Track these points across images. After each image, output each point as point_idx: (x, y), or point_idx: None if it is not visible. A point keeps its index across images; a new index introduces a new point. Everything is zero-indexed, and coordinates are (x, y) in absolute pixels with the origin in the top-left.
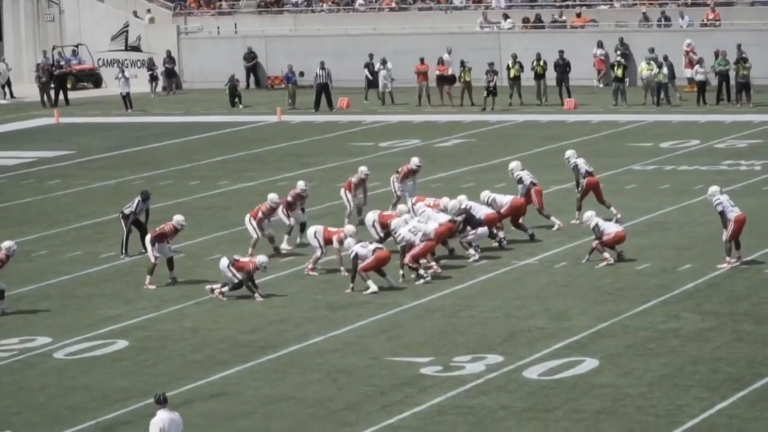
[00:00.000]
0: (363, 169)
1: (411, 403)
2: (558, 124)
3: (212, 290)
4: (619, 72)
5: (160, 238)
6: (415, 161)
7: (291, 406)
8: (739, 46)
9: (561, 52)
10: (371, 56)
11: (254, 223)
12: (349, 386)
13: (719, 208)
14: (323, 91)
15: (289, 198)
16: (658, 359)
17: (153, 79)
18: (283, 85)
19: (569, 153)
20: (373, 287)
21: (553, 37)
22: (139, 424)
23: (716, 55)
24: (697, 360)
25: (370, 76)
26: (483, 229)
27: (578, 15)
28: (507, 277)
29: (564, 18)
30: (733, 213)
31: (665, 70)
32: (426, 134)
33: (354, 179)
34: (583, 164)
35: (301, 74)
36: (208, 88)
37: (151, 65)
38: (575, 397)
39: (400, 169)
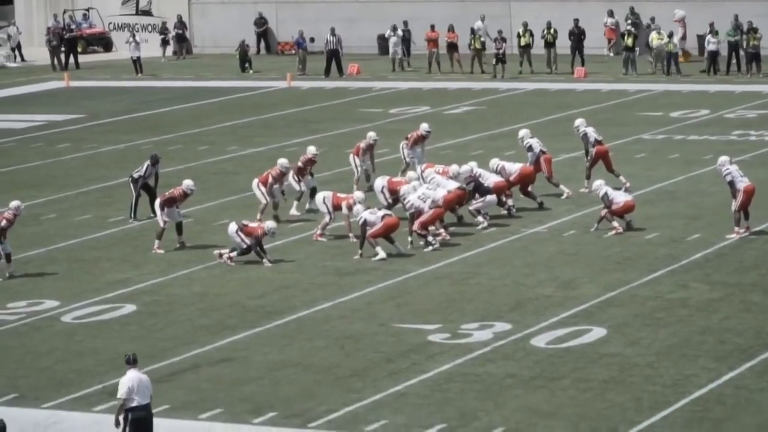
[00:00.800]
0: (371, 134)
1: (418, 371)
2: (568, 93)
3: (220, 255)
4: (629, 41)
5: (169, 203)
6: (424, 127)
7: (298, 372)
8: (736, 17)
9: (576, 21)
10: (405, 22)
11: (263, 188)
12: (356, 353)
13: (728, 178)
14: (333, 57)
15: (300, 163)
16: (666, 329)
17: (164, 43)
18: (293, 51)
19: (578, 121)
20: (382, 254)
21: (564, 5)
22: None
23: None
24: (704, 330)
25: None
26: (491, 197)
27: None
28: (515, 245)
29: None
30: (743, 183)
31: (675, 39)
32: (436, 101)
33: (362, 144)
34: (592, 133)
35: (312, 40)
36: (218, 53)
37: (163, 30)
38: (582, 366)
39: (409, 135)
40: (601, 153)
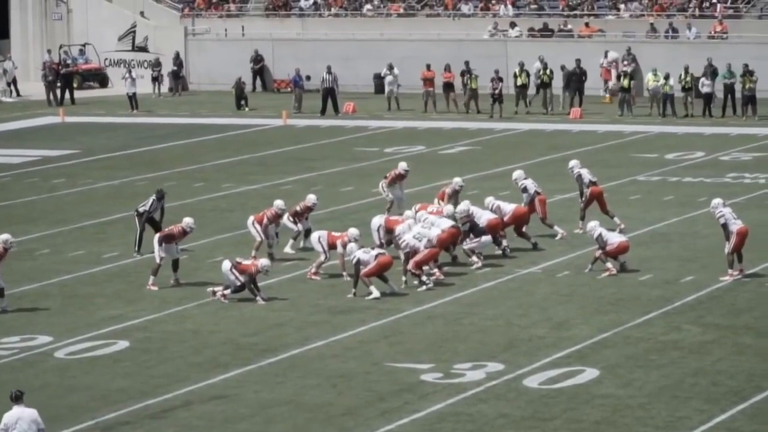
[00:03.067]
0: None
1: (410, 410)
2: (563, 133)
3: (214, 292)
4: (625, 82)
5: (167, 239)
6: (402, 166)
7: (290, 410)
8: (719, 65)
9: (578, 61)
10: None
11: (258, 227)
12: (348, 391)
13: (722, 221)
14: (329, 96)
15: (298, 208)
16: (658, 370)
17: (155, 80)
18: (289, 89)
19: (573, 162)
20: (375, 293)
21: (560, 46)
22: (139, 425)
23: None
24: (697, 372)
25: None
26: (486, 238)
27: (586, 24)
28: (509, 286)
29: (570, 27)
30: (736, 225)
31: (672, 81)
32: (431, 140)
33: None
34: (586, 174)
35: (308, 78)
36: (214, 90)
37: (155, 66)
38: (575, 407)
39: (388, 174)
40: (595, 194)
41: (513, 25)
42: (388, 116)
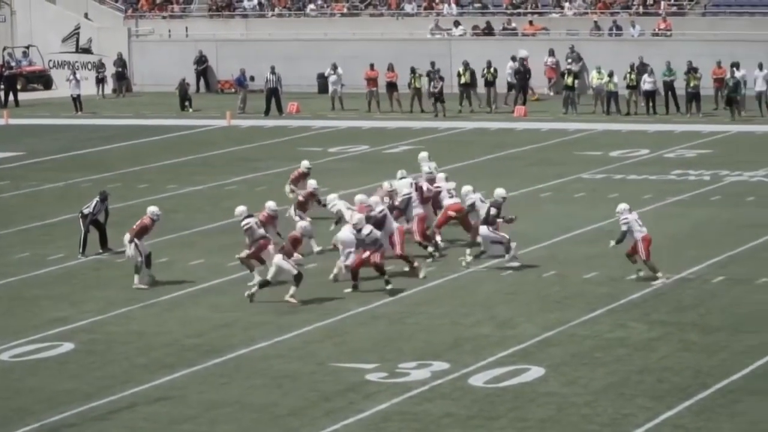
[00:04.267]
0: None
1: (355, 410)
2: (508, 132)
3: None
4: (569, 80)
5: (140, 234)
6: (305, 164)
7: (236, 410)
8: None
9: (522, 59)
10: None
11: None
12: (294, 392)
13: (624, 227)
14: (273, 96)
15: (301, 198)
16: (604, 368)
17: (99, 81)
18: (233, 89)
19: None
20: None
21: (505, 44)
22: (85, 427)
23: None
24: (643, 369)
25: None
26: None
27: (530, 23)
28: (453, 284)
29: (514, 25)
30: (640, 233)
31: (616, 78)
32: (375, 140)
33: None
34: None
35: (252, 78)
36: (158, 91)
37: (99, 67)
38: (520, 405)
39: (291, 174)
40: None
41: (456, 23)
42: (332, 116)
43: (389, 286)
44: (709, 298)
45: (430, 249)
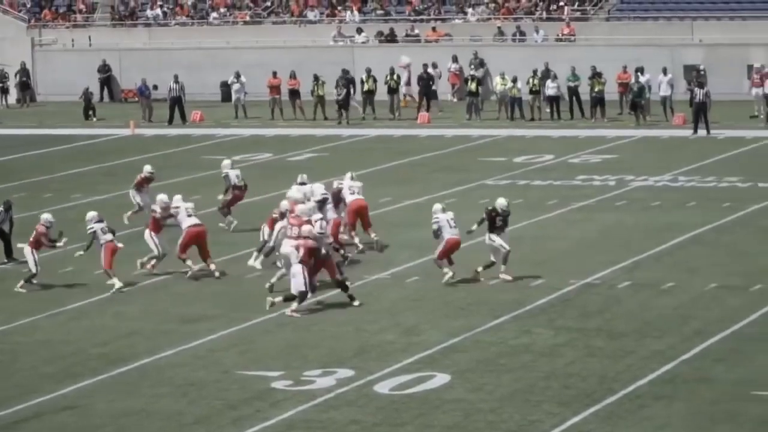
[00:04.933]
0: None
1: (261, 417)
2: (411, 138)
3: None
4: (473, 86)
5: (38, 245)
6: (147, 169)
7: (142, 419)
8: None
9: (425, 66)
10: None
11: (267, 230)
12: (199, 400)
13: (435, 226)
14: (177, 105)
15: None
16: (509, 374)
17: (3, 91)
18: (136, 99)
19: (225, 163)
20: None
21: (408, 51)
22: None
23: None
24: (549, 375)
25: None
26: None
27: (433, 29)
28: (358, 291)
29: (417, 32)
30: (449, 234)
31: (519, 84)
32: (279, 148)
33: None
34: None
35: (155, 87)
36: (62, 100)
37: (1, 77)
38: (426, 412)
39: (136, 179)
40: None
41: (359, 30)
42: (236, 124)
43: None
44: (614, 303)
45: (342, 252)
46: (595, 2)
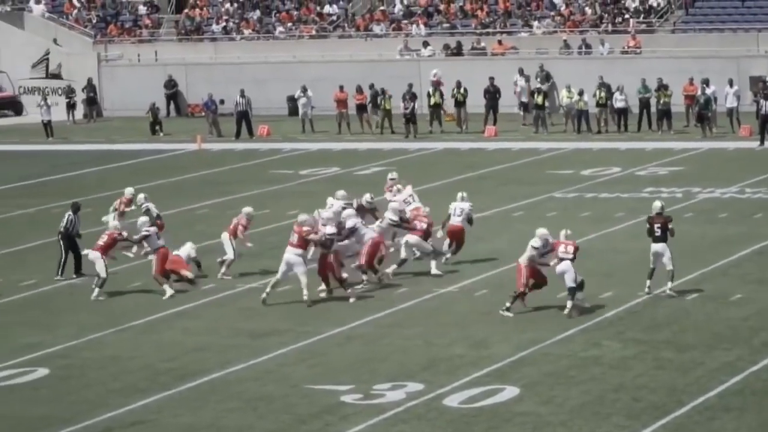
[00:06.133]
0: (129, 190)
1: (331, 431)
2: (478, 152)
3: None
4: (539, 99)
5: (106, 249)
6: (129, 191)
7: None
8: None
9: (491, 79)
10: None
11: (232, 241)
12: (269, 414)
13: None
14: (243, 119)
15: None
16: (578, 387)
17: (70, 107)
18: (203, 113)
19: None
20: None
21: (474, 64)
22: None
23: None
24: (618, 388)
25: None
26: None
27: (499, 42)
28: (427, 305)
29: (484, 45)
30: (454, 220)
31: (586, 97)
32: (346, 162)
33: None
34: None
35: (221, 102)
36: (128, 115)
37: (69, 93)
38: (496, 425)
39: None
40: None
41: (426, 44)
42: (303, 138)
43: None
44: (682, 315)
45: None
46: (661, 14)
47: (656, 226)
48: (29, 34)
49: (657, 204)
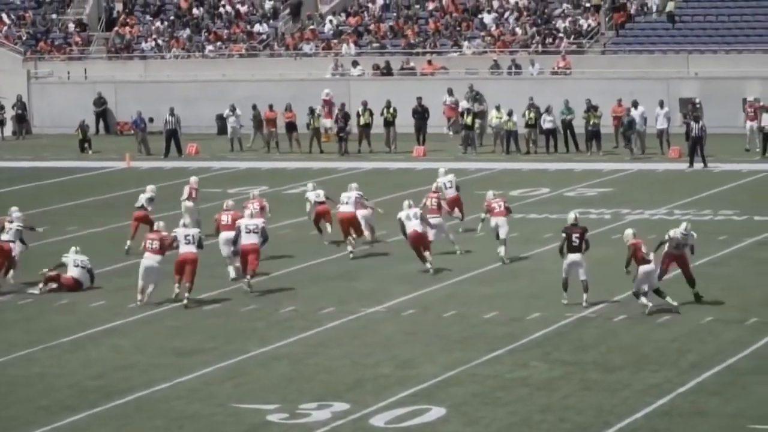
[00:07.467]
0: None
1: None
2: (407, 172)
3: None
4: (468, 119)
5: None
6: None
7: None
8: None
9: (419, 99)
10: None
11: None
12: None
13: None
14: (172, 137)
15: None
16: (505, 408)
17: (0, 123)
18: (132, 131)
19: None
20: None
21: (403, 84)
22: None
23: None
24: (545, 408)
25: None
26: None
27: (429, 62)
28: (354, 325)
29: (413, 65)
30: (408, 226)
31: (515, 117)
32: (275, 181)
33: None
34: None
35: (151, 120)
36: (58, 133)
37: None
38: None
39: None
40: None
41: (355, 63)
42: (232, 157)
43: None
44: (610, 336)
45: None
46: (591, 36)
47: (575, 236)
48: None
49: (572, 215)
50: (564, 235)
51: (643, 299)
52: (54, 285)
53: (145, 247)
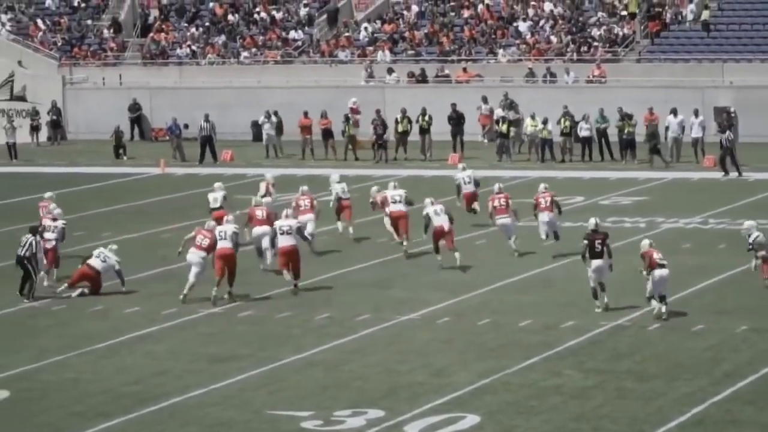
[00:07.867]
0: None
1: None
2: (442, 179)
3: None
4: (503, 128)
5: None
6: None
7: None
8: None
9: (454, 105)
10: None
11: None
12: None
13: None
14: (207, 144)
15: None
16: (539, 416)
17: (34, 129)
18: (167, 137)
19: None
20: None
21: (438, 91)
22: None
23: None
24: (579, 417)
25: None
26: None
27: (464, 70)
28: (388, 332)
29: (448, 72)
30: (437, 222)
31: (550, 126)
32: (311, 188)
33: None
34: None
35: (186, 126)
36: (92, 139)
37: (33, 115)
38: None
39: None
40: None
41: (390, 71)
42: (267, 164)
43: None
44: (644, 345)
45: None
46: (626, 44)
47: (597, 242)
48: None
49: (592, 221)
50: (586, 241)
51: (654, 302)
52: (81, 289)
53: (194, 243)
